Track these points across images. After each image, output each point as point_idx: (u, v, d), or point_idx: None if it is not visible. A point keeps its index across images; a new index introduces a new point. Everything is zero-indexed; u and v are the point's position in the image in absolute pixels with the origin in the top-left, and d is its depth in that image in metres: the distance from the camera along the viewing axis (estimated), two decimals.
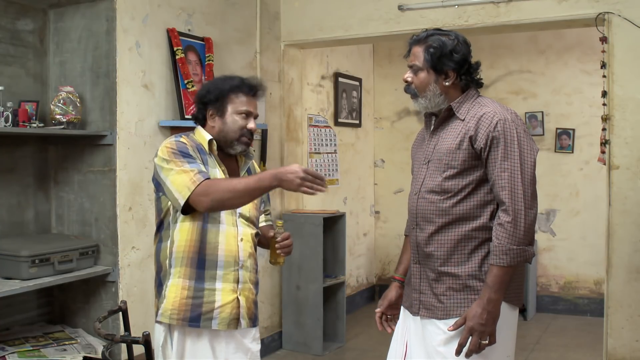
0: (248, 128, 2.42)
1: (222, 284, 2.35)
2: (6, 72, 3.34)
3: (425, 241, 2.27)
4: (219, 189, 2.21)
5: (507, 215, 2.12)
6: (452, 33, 2.30)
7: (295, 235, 4.72)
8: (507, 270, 2.13)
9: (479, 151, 2.18)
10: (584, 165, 5.88)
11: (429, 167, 2.29)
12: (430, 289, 2.28)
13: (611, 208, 3.86)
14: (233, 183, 2.23)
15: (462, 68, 2.26)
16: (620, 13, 3.81)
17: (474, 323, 2.11)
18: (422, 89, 2.28)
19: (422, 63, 2.27)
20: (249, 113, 2.43)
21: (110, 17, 3.39)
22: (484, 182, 2.20)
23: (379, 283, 6.65)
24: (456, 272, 2.22)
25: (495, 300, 2.12)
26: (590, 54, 5.59)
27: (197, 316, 2.32)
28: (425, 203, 2.27)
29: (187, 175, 2.23)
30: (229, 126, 2.40)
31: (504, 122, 2.16)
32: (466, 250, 2.22)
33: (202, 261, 2.34)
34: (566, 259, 5.97)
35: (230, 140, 2.41)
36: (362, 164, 6.43)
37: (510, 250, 2.11)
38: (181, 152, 2.30)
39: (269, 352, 4.78)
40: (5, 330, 3.27)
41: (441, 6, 4.31)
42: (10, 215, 3.37)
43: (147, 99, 3.63)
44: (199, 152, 2.37)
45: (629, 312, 3.82)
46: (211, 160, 2.39)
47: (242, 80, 2.44)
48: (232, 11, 4.38)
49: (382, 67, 6.63)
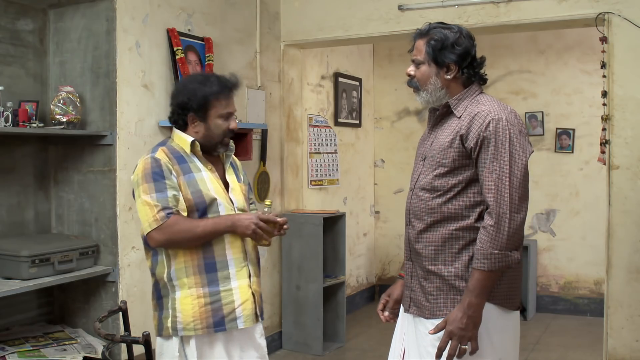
0: (230, 129, 2.44)
1: (237, 282, 2.36)
2: (6, 72, 3.34)
3: (415, 238, 2.26)
4: (179, 230, 2.25)
5: (491, 219, 2.07)
6: (455, 26, 2.27)
7: (295, 235, 4.76)
8: (488, 275, 2.07)
9: (469, 150, 2.15)
10: (584, 165, 5.88)
11: (425, 163, 2.28)
12: (420, 287, 2.26)
13: (611, 208, 3.86)
14: (193, 226, 2.26)
15: (463, 61, 2.23)
16: (620, 13, 3.81)
17: (453, 327, 2.08)
18: (424, 82, 2.26)
19: (423, 56, 2.25)
20: (230, 114, 2.44)
21: (110, 17, 3.39)
22: (474, 181, 2.17)
23: (379, 283, 6.65)
24: (442, 272, 2.19)
25: (476, 305, 2.08)
26: (590, 54, 5.59)
27: (220, 320, 2.32)
28: (417, 200, 2.26)
29: (151, 211, 2.25)
30: (212, 131, 2.42)
31: (496, 122, 2.11)
32: (453, 250, 2.19)
33: (211, 265, 2.33)
34: (566, 259, 5.97)
35: (214, 144, 2.44)
36: (362, 164, 6.43)
37: (492, 254, 2.06)
38: (154, 175, 2.30)
39: (269, 352, 4.73)
40: (5, 330, 3.27)
41: (441, 6, 4.31)
42: (10, 215, 3.37)
43: (147, 99, 3.63)
44: (178, 162, 2.36)
45: (629, 312, 3.82)
46: (194, 165, 2.40)
47: (220, 83, 2.41)
48: (232, 11, 4.38)
49: (382, 67, 6.63)
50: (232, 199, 2.45)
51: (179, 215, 2.28)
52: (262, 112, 4.64)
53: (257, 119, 4.58)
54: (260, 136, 4.63)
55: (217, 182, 2.43)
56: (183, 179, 2.34)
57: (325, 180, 5.68)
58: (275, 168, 4.85)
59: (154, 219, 2.25)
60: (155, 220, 2.25)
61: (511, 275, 2.20)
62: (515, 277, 2.24)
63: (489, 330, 2.14)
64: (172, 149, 2.41)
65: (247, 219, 2.29)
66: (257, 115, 4.58)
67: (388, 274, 6.60)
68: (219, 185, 2.42)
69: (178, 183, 2.32)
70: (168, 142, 2.45)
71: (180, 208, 2.29)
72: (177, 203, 2.29)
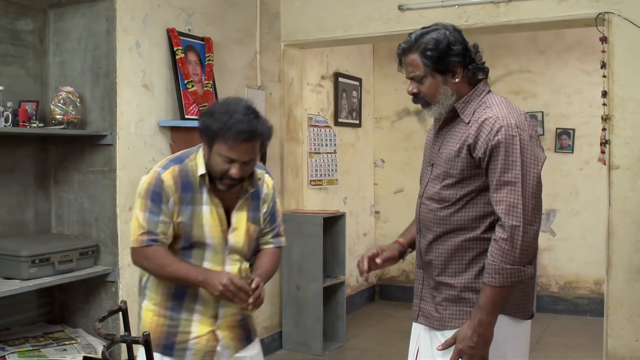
0: (229, 174, 2.18)
1: (199, 317, 2.27)
2: (6, 72, 3.34)
3: (425, 249, 2.19)
4: (151, 261, 2.20)
5: (503, 232, 1.96)
6: (438, 26, 2.14)
7: (295, 235, 4.77)
8: (500, 290, 1.97)
9: (478, 161, 2.03)
10: (584, 165, 5.88)
11: (433, 170, 2.19)
12: (431, 297, 2.19)
13: (611, 208, 3.86)
14: (166, 264, 2.17)
15: (465, 58, 2.10)
16: (620, 13, 3.81)
17: (463, 345, 2.00)
18: (433, 96, 2.12)
19: (423, 70, 2.09)
20: (232, 160, 2.17)
21: (110, 17, 3.39)
22: (483, 191, 2.06)
23: (379, 283, 6.65)
24: (452, 283, 2.12)
25: (487, 323, 1.98)
26: (590, 54, 5.59)
27: (170, 345, 2.25)
28: (425, 210, 2.18)
29: (137, 230, 2.21)
30: (212, 165, 2.22)
31: (506, 129, 1.99)
32: (464, 261, 2.10)
33: (181, 293, 2.26)
34: (566, 259, 5.97)
35: (215, 178, 2.24)
36: (362, 164, 6.43)
37: (504, 269, 1.95)
38: (152, 195, 2.20)
39: (269, 352, 4.78)
40: (6, 330, 3.27)
41: (441, 6, 4.31)
42: (10, 215, 3.37)
43: (147, 98, 3.63)
44: (183, 190, 2.22)
45: (629, 312, 3.82)
46: (198, 196, 2.25)
47: (239, 124, 2.14)
48: (232, 11, 4.38)
49: (382, 67, 6.62)
50: (228, 239, 2.29)
51: (159, 247, 2.21)
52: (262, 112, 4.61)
53: None
54: None
55: (218, 219, 2.27)
56: (180, 209, 2.22)
57: (325, 180, 5.68)
58: (275, 168, 4.85)
59: (136, 238, 2.21)
60: (136, 240, 2.22)
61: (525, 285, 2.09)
62: (529, 287, 2.14)
63: (501, 340, 2.05)
64: (183, 171, 2.25)
65: (217, 279, 2.14)
66: None
67: (388, 274, 6.60)
68: (217, 222, 2.27)
69: (174, 211, 2.21)
70: (187, 160, 2.28)
71: (167, 234, 2.22)
72: (165, 229, 2.21)
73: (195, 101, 3.85)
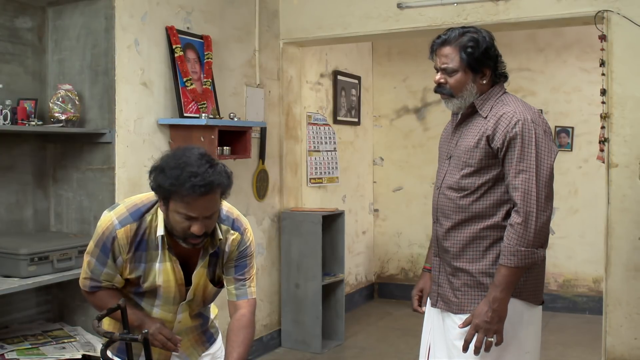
0: (191, 232, 2.01)
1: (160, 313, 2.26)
2: (5, 70, 3.34)
3: (443, 236, 2.33)
4: (93, 301, 2.24)
5: (518, 217, 2.14)
6: (477, 29, 2.30)
7: (294, 234, 4.77)
8: (514, 271, 2.14)
9: (496, 151, 2.20)
10: (582, 163, 5.88)
11: (450, 163, 2.33)
12: (448, 283, 2.33)
13: (610, 206, 3.87)
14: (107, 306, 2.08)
15: (496, 64, 2.29)
16: (619, 11, 3.82)
17: (479, 321, 2.16)
18: (459, 90, 2.28)
19: (457, 64, 2.25)
20: (192, 217, 1.99)
21: (109, 15, 3.39)
22: (500, 180, 2.23)
23: (378, 281, 6.65)
24: (469, 269, 2.26)
25: (500, 300, 2.14)
26: (590, 52, 5.59)
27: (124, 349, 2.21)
28: (444, 199, 2.32)
29: (84, 273, 2.21)
30: (172, 224, 2.04)
31: (522, 123, 2.17)
32: (480, 248, 2.25)
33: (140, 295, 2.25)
34: (565, 257, 5.97)
35: (177, 237, 2.07)
36: (361, 162, 6.43)
37: (519, 251, 2.13)
38: (102, 247, 2.11)
39: (268, 350, 4.78)
40: (4, 328, 3.27)
41: (440, 4, 4.30)
42: (9, 214, 3.37)
43: (146, 97, 3.63)
44: (136, 249, 2.11)
45: (628, 310, 3.83)
46: (154, 253, 2.13)
47: (188, 177, 1.94)
48: (231, 9, 4.37)
49: (381, 65, 6.62)
50: (184, 294, 2.21)
51: (102, 291, 2.20)
52: (260, 110, 4.64)
53: (256, 117, 4.58)
54: (259, 134, 4.63)
55: (174, 275, 2.16)
56: (131, 266, 2.14)
57: (324, 178, 5.67)
58: (274, 166, 4.85)
59: (82, 281, 2.23)
60: (81, 282, 2.24)
61: (538, 271, 2.28)
62: (541, 273, 2.32)
63: (517, 324, 2.22)
64: (140, 229, 2.11)
65: (150, 328, 2.11)
66: (256, 113, 4.59)
67: (387, 272, 6.60)
68: (172, 278, 2.17)
69: (123, 267, 2.14)
70: (147, 215, 2.12)
71: (113, 282, 2.18)
72: (110, 278, 2.17)
73: (194, 99, 3.85)
